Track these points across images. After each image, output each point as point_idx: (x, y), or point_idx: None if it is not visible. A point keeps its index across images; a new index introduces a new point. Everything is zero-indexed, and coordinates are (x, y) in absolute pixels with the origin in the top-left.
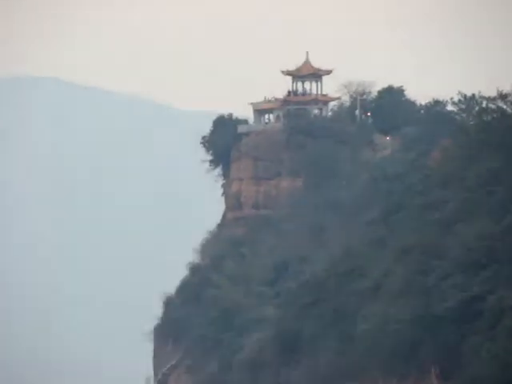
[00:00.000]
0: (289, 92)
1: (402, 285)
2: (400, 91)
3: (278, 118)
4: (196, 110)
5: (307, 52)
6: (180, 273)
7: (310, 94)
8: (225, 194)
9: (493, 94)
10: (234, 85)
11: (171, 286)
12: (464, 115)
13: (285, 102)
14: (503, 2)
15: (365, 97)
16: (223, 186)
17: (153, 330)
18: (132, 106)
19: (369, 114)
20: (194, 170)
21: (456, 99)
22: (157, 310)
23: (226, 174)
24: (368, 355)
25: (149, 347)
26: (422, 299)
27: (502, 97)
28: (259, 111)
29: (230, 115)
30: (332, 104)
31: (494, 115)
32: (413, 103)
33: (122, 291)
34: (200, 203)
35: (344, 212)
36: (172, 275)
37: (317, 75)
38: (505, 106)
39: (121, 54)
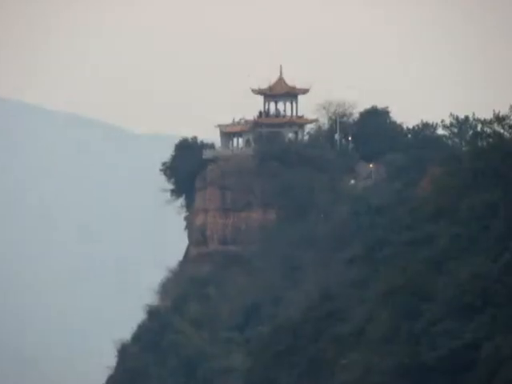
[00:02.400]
0: (260, 113)
1: (387, 331)
2: (385, 113)
3: (248, 142)
4: (154, 134)
5: (281, 66)
6: (137, 316)
7: (284, 116)
8: (188, 227)
9: (488, 116)
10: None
11: (126, 331)
12: (456, 140)
13: (256, 124)
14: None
15: (345, 119)
16: (186, 218)
17: (105, 382)
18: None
19: (350, 138)
20: (152, 200)
21: (447, 122)
22: (110, 359)
23: (189, 205)
24: None
25: None
26: (410, 347)
27: (499, 120)
28: (227, 134)
29: (195, 139)
30: (309, 127)
31: (490, 140)
32: (399, 126)
33: (70, 338)
34: (160, 238)
35: (322, 248)
36: (127, 319)
37: (292, 94)
38: (502, 130)
39: (69, 75)
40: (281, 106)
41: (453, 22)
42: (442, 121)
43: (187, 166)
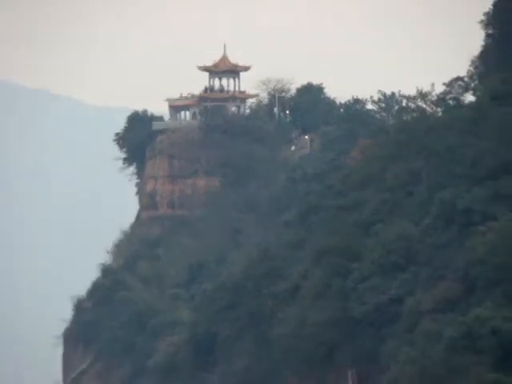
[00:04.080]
0: (205, 88)
1: (320, 287)
2: (319, 89)
3: (194, 115)
4: (108, 106)
5: (224, 45)
6: (91, 275)
7: (228, 91)
8: (139, 192)
9: (413, 92)
10: (149, 80)
11: (82, 288)
12: (384, 114)
13: (201, 98)
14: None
15: (283, 94)
16: (137, 184)
17: (62, 333)
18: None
19: (287, 111)
20: (106, 167)
21: (376, 98)
22: (67, 314)
23: (140, 173)
24: (284, 359)
25: (58, 352)
26: (340, 302)
27: (422, 95)
28: (175, 108)
29: (145, 111)
30: (250, 101)
31: (414, 114)
32: (332, 101)
33: (31, 291)
34: (113, 202)
35: (261, 212)
36: (83, 277)
37: (234, 71)
38: (425, 105)
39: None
40: (224, 82)
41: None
42: (371, 97)
43: (138, 137)
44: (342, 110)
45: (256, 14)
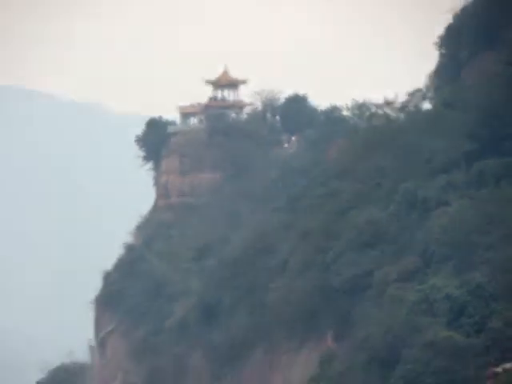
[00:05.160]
0: (210, 98)
1: (305, 261)
2: (304, 98)
3: (201, 120)
4: (130, 114)
5: (225, 65)
6: (117, 252)
7: (228, 101)
8: (156, 184)
9: (381, 101)
10: (163, 91)
11: (109, 263)
12: (357, 119)
13: (206, 107)
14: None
15: (274, 103)
16: (154, 177)
17: (93, 300)
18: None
19: (277, 117)
20: (130, 165)
21: (350, 105)
22: (97, 284)
23: (156, 168)
24: (276, 321)
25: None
26: (321, 274)
27: (388, 103)
28: (185, 114)
29: (160, 118)
30: (247, 109)
31: (381, 119)
32: (314, 109)
33: (66, 266)
34: (135, 192)
35: (257, 200)
36: (110, 254)
37: (234, 84)
38: (390, 112)
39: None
40: (225, 93)
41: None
42: (347, 104)
43: (155, 139)
44: (322, 116)
45: (254, 33)
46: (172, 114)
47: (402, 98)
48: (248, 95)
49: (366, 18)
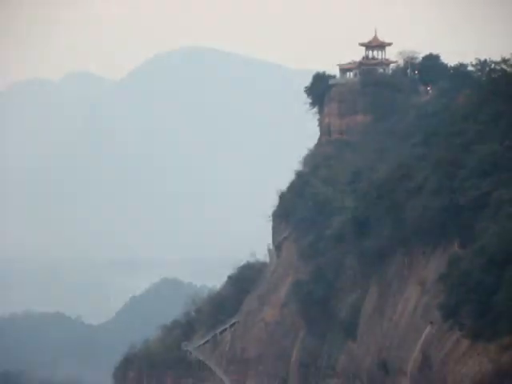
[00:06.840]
0: (363, 57)
1: (436, 185)
2: (437, 57)
3: (355, 74)
4: (301, 69)
5: (375, 29)
6: (290, 177)
7: (377, 59)
8: (320, 125)
9: (498, 58)
10: (327, 52)
11: (284, 185)
12: (479, 74)
13: (360, 64)
14: None
15: (413, 60)
16: (318, 119)
17: (271, 214)
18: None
19: (416, 72)
20: (300, 110)
21: (474, 62)
22: (274, 201)
23: (320, 112)
24: (413, 232)
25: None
26: (450, 194)
27: (504, 61)
28: (343, 70)
29: (324, 72)
30: (392, 65)
31: (499, 74)
32: (445, 65)
33: (250, 188)
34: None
35: (399, 137)
36: (285, 179)
37: (382, 46)
38: (505, 67)
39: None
40: (375, 53)
41: None
42: (471, 62)
43: (320, 89)
44: (451, 71)
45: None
46: (333, 70)
47: None
48: (393, 54)
49: None
